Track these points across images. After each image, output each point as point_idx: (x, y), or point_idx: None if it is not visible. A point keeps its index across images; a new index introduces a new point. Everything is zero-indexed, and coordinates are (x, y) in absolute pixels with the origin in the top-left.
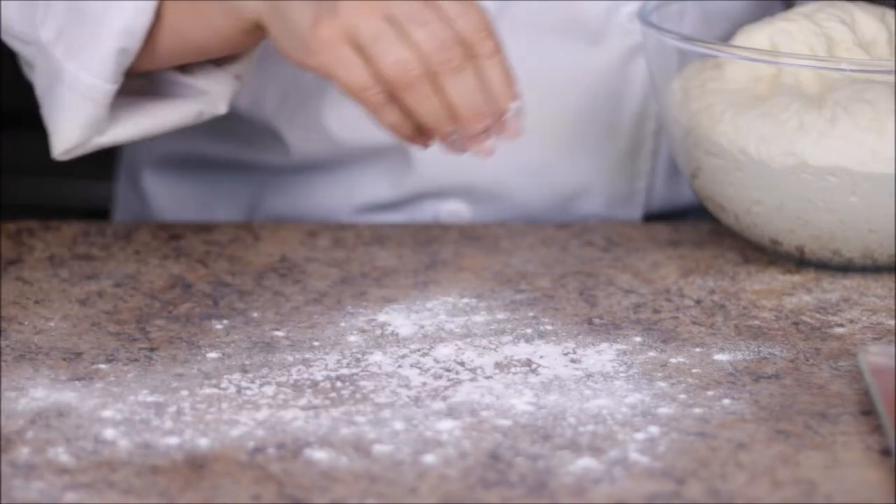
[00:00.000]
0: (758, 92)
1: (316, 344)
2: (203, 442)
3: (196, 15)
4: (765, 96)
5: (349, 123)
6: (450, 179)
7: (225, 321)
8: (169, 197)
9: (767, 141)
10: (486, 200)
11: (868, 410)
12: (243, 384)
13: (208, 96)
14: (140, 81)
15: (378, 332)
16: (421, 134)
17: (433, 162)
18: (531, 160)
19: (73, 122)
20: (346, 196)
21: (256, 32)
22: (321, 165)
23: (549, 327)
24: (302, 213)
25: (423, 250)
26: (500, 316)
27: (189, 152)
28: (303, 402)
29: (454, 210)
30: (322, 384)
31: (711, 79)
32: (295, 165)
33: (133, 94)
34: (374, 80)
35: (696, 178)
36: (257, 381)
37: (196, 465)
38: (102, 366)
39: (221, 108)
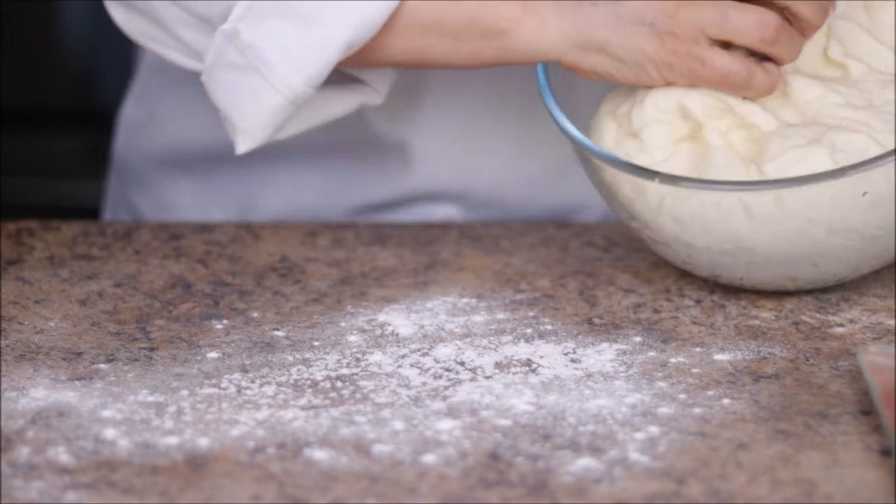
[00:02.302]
0: (680, 150)
1: (316, 344)
2: (203, 442)
3: (456, 47)
4: (694, 153)
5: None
6: (447, 183)
7: (225, 321)
8: (163, 195)
9: (711, 231)
10: (481, 207)
11: (868, 410)
12: (243, 384)
13: (368, 87)
14: None
15: (378, 332)
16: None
17: (432, 163)
18: (531, 172)
19: (269, 123)
20: (341, 195)
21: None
22: (322, 153)
23: (549, 327)
24: (297, 212)
25: (423, 250)
26: (500, 316)
27: (187, 144)
28: (303, 401)
29: (448, 215)
30: (322, 384)
31: (633, 150)
32: (293, 153)
33: None
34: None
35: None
36: (257, 381)
37: (196, 465)
38: (102, 366)
39: (378, 100)
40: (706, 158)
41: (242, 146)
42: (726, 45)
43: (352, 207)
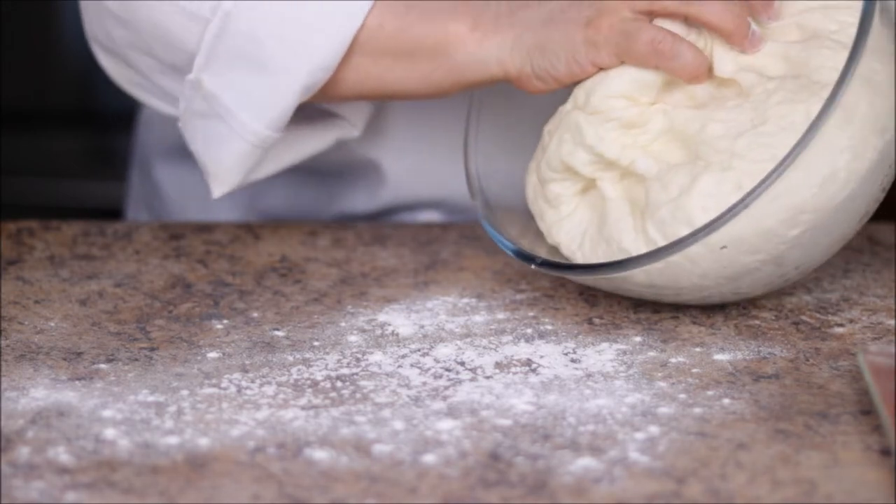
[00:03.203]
0: (585, 201)
1: (316, 344)
2: (203, 442)
3: (409, 70)
4: (596, 204)
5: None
6: (423, 194)
7: (225, 321)
8: (176, 187)
9: (626, 281)
10: (460, 212)
11: (868, 410)
12: (243, 384)
13: (345, 121)
14: None
15: (378, 332)
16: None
17: (404, 180)
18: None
19: (239, 168)
20: (328, 202)
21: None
22: (306, 168)
23: (549, 327)
24: (293, 214)
25: (423, 250)
26: (500, 316)
27: None
28: (303, 401)
29: (429, 220)
30: (322, 384)
31: (545, 206)
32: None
33: None
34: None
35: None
36: (257, 381)
37: (196, 464)
38: (102, 366)
39: (355, 133)
40: (603, 211)
41: (216, 191)
42: None
43: (339, 214)
